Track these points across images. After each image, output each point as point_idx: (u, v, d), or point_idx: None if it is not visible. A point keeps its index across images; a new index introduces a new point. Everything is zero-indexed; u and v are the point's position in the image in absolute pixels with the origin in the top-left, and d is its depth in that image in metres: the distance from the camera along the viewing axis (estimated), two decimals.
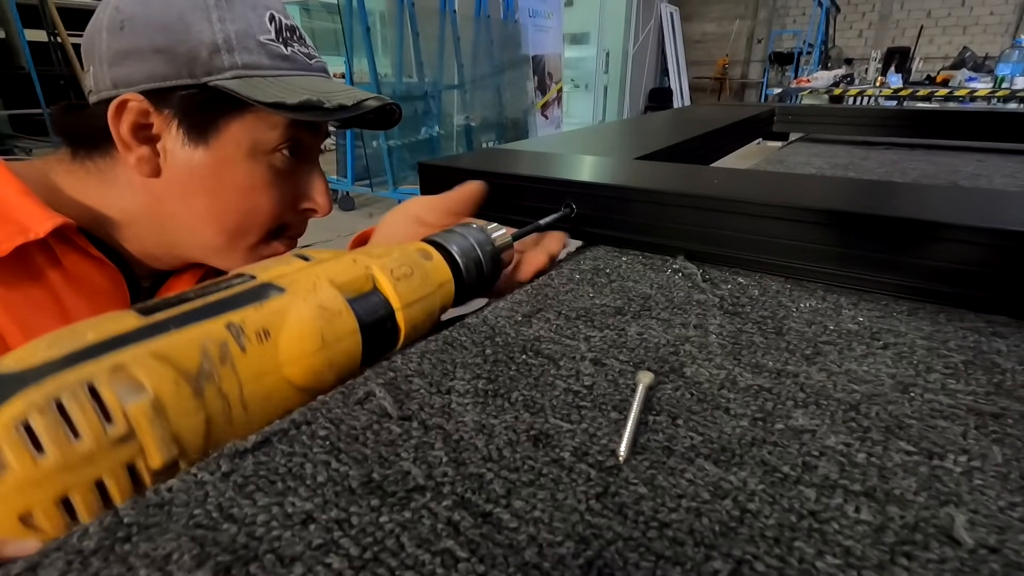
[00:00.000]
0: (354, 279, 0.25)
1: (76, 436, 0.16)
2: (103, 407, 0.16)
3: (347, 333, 0.23)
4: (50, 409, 0.15)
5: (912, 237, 0.34)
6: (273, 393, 0.20)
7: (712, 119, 0.91)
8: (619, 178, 0.46)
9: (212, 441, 0.19)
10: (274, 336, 0.21)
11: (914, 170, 0.80)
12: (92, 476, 0.16)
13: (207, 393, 0.18)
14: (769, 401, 0.25)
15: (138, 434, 0.17)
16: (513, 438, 0.22)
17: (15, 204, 0.40)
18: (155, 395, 0.17)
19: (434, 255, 0.30)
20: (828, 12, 7.19)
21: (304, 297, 0.22)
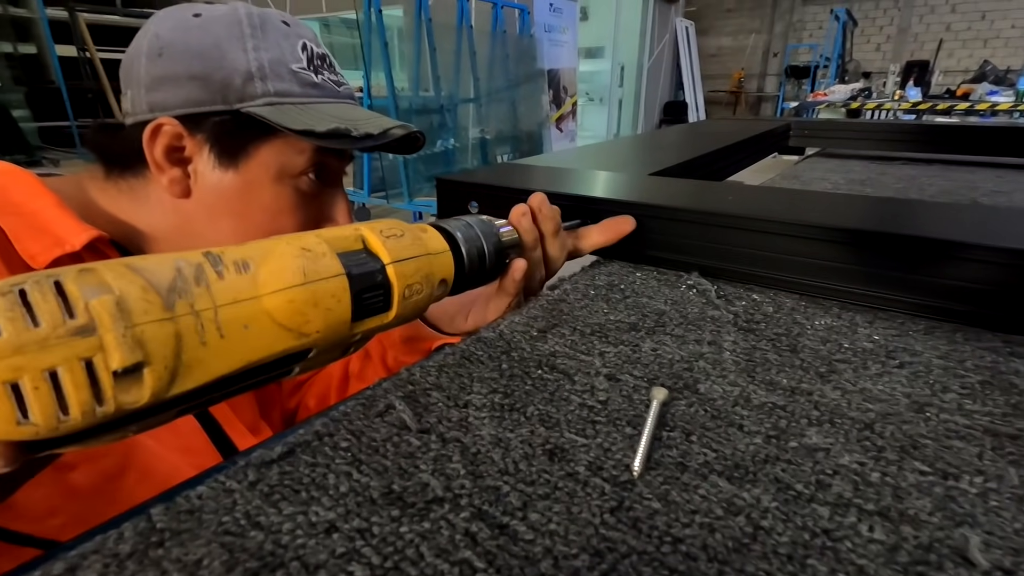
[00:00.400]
0: (341, 236, 0.25)
1: (35, 324, 0.15)
2: (67, 303, 0.16)
3: (331, 274, 0.22)
4: (11, 293, 0.15)
5: (929, 256, 0.34)
6: (252, 323, 0.20)
7: (727, 134, 0.92)
8: (633, 194, 0.46)
9: (183, 360, 0.18)
10: (254, 269, 0.20)
11: (932, 186, 0.79)
12: (45, 363, 0.15)
13: (178, 308, 0.18)
14: (783, 419, 0.25)
15: (98, 329, 0.16)
16: (529, 452, 0.22)
17: (51, 217, 0.41)
18: (120, 295, 0.17)
19: (429, 229, 0.30)
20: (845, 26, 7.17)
21: (287, 241, 0.23)
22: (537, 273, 0.41)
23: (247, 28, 0.44)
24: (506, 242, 0.35)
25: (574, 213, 0.45)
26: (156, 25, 0.44)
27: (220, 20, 0.44)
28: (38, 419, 0.15)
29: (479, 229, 0.34)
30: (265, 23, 0.45)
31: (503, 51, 4.43)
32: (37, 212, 0.41)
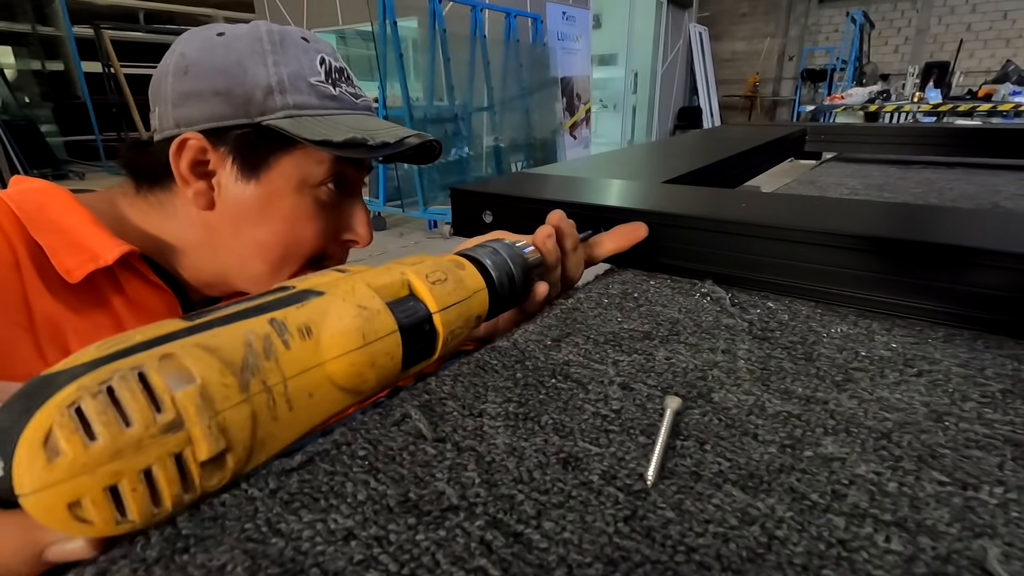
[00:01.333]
0: (390, 284, 0.25)
1: (126, 423, 0.15)
2: (152, 394, 0.16)
3: (386, 332, 0.23)
4: (101, 393, 0.15)
5: (949, 262, 0.33)
6: (316, 391, 0.20)
7: (741, 140, 0.91)
8: (647, 203, 0.46)
9: (258, 438, 0.18)
10: (316, 333, 0.21)
11: (952, 190, 0.78)
12: (141, 464, 0.15)
13: (252, 386, 0.18)
14: (798, 428, 0.25)
15: (186, 423, 0.16)
16: (543, 460, 0.23)
17: (86, 233, 0.43)
18: (202, 383, 0.17)
19: (466, 265, 0.31)
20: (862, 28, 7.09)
21: (343, 297, 0.23)
22: (554, 290, 0.42)
23: (268, 44, 0.45)
24: (532, 263, 0.36)
25: (588, 222, 0.45)
26: (182, 45, 0.46)
27: (242, 38, 0.45)
28: (135, 516, 0.16)
29: (506, 254, 0.34)
30: (285, 39, 0.46)
31: (516, 60, 4.46)
32: (72, 228, 0.43)
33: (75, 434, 0.15)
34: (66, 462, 0.14)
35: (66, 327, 0.42)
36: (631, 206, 0.45)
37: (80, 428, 0.15)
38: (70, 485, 0.15)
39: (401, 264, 0.27)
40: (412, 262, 0.28)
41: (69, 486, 0.15)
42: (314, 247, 0.50)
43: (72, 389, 0.15)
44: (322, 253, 0.51)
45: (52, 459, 0.14)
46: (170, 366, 0.17)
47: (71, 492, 0.15)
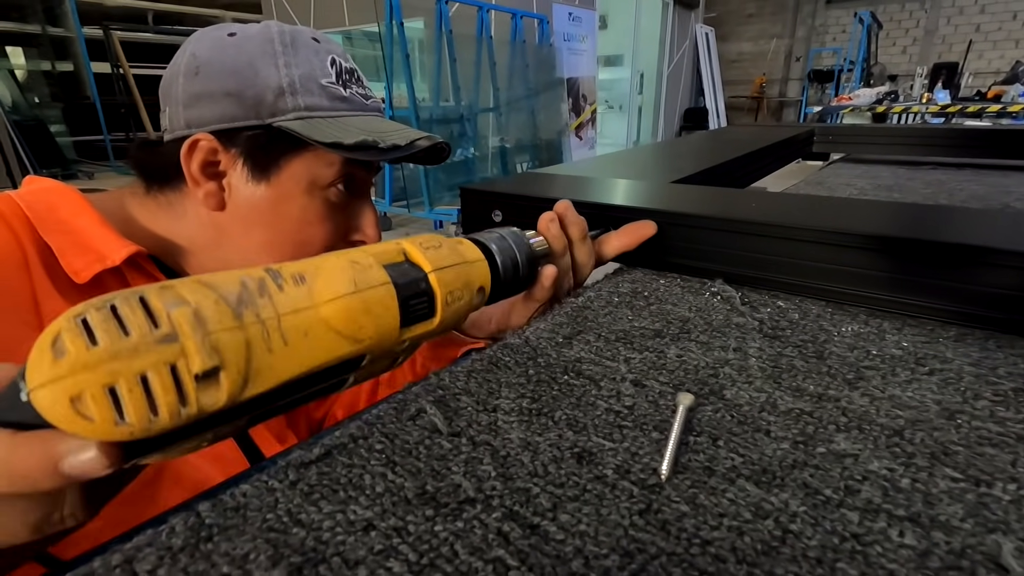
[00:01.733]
0: (385, 250, 0.26)
1: (125, 332, 0.17)
2: (150, 313, 0.18)
3: (379, 282, 0.24)
4: (105, 308, 0.17)
5: (960, 262, 0.33)
6: (311, 330, 0.21)
7: (748, 141, 0.91)
8: (655, 202, 0.46)
9: (253, 366, 0.19)
10: (309, 281, 0.22)
11: (962, 191, 0.78)
12: (137, 368, 0.17)
13: (246, 316, 0.19)
14: (810, 425, 0.25)
15: (180, 336, 0.18)
16: (557, 455, 0.23)
17: (95, 235, 0.43)
18: (197, 306, 0.19)
19: (464, 241, 0.31)
20: (869, 29, 7.06)
21: (337, 255, 0.24)
22: (566, 280, 0.42)
23: (279, 46, 0.46)
24: (537, 252, 0.36)
25: (597, 222, 0.45)
26: (193, 45, 0.46)
27: (253, 39, 0.46)
28: (133, 419, 0.17)
29: (511, 240, 0.35)
30: (296, 40, 0.47)
31: (522, 61, 4.46)
32: (81, 230, 0.43)
33: (79, 337, 0.16)
34: (69, 359, 0.16)
35: None
36: (640, 205, 0.45)
37: (84, 334, 0.17)
38: (72, 380, 0.16)
39: (400, 238, 0.28)
40: (409, 237, 0.28)
41: (71, 381, 0.16)
42: (323, 247, 0.50)
43: (80, 306, 0.17)
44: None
45: (58, 357, 0.16)
46: (169, 293, 0.18)
47: (73, 386, 0.16)
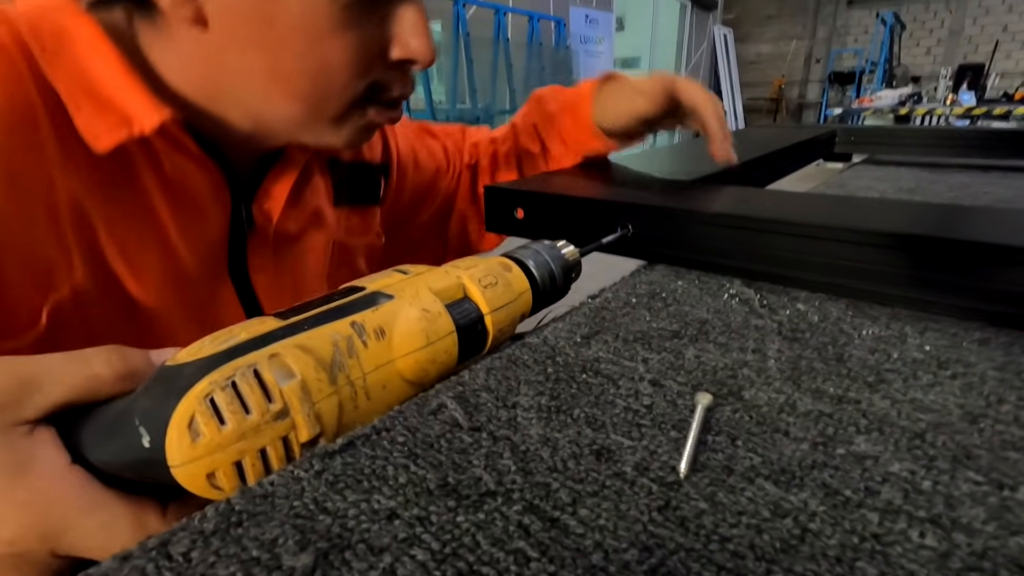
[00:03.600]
0: (448, 287, 0.28)
1: (247, 411, 0.19)
2: (264, 388, 0.20)
3: (446, 332, 0.26)
4: (228, 388, 0.19)
5: (986, 261, 0.33)
6: (388, 383, 0.24)
7: (769, 141, 0.91)
8: (674, 201, 0.46)
9: (343, 423, 0.22)
10: (388, 334, 0.24)
11: (987, 194, 0.76)
12: (259, 444, 0.19)
13: (339, 380, 0.22)
14: (830, 426, 0.25)
15: (291, 411, 0.20)
16: (576, 451, 0.23)
17: (117, 85, 0.33)
18: (302, 378, 0.21)
19: (513, 268, 0.33)
20: (892, 29, 6.95)
21: (410, 301, 0.26)
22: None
23: None
24: (570, 262, 0.37)
25: (617, 218, 0.46)
26: None
27: None
28: (251, 482, 0.20)
29: (547, 255, 0.36)
30: None
31: (539, 63, 4.47)
32: (99, 76, 0.33)
33: (211, 420, 0.18)
34: (205, 441, 0.18)
35: (92, 210, 0.34)
36: (659, 204, 0.45)
37: (214, 415, 0.19)
38: (209, 460, 0.19)
39: (456, 268, 0.30)
40: (466, 266, 0.30)
41: (208, 460, 0.18)
42: (350, 72, 0.38)
43: (205, 384, 0.19)
44: (372, 82, 0.40)
45: (195, 439, 0.18)
46: (276, 363, 0.20)
47: (209, 465, 0.19)
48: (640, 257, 0.47)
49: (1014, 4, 7.75)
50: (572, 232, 0.48)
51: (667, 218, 0.44)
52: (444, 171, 0.67)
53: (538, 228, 0.51)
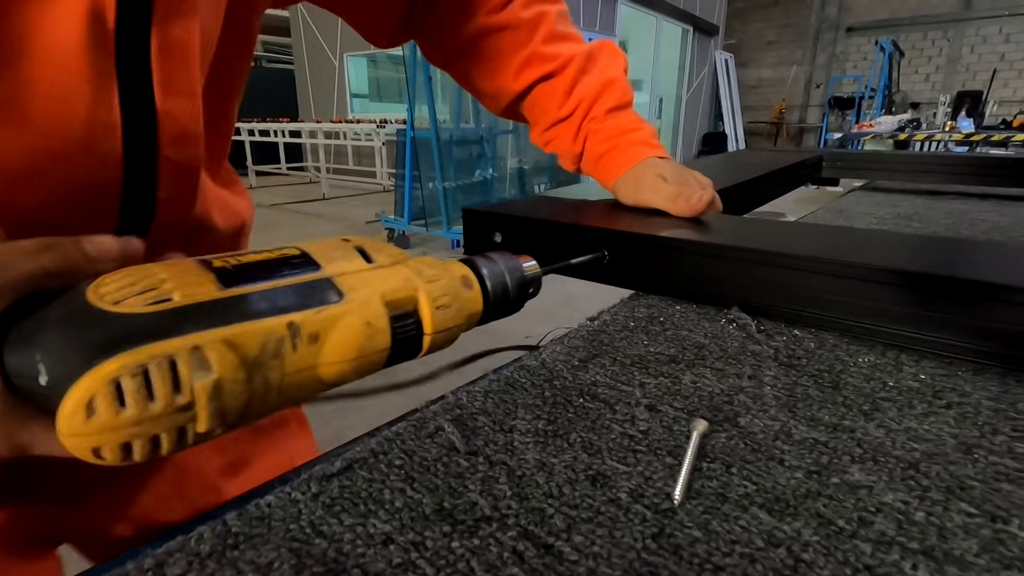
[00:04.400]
0: (401, 299, 0.27)
1: (151, 399, 0.19)
2: (176, 380, 0.19)
3: (381, 348, 0.25)
4: (139, 375, 0.19)
5: (981, 299, 0.33)
6: (304, 384, 0.23)
7: (759, 164, 0.92)
8: (654, 228, 0.47)
9: (245, 417, 0.21)
10: (321, 340, 0.23)
11: (984, 221, 0.77)
12: (153, 431, 0.19)
13: (255, 379, 0.21)
14: (825, 455, 0.25)
15: (196, 406, 0.20)
16: (572, 477, 0.23)
17: None
18: (218, 378, 0.20)
19: (474, 285, 0.31)
20: (891, 57, 7.05)
21: (356, 310, 0.25)
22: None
23: None
24: (528, 277, 0.36)
25: (596, 246, 0.46)
26: None
27: None
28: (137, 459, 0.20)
29: (505, 267, 0.34)
30: None
31: None
32: None
33: (112, 404, 0.18)
34: (99, 422, 0.18)
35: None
36: (645, 232, 0.46)
37: (116, 399, 0.19)
38: (98, 438, 0.19)
39: (419, 276, 0.28)
40: (429, 277, 0.29)
41: (97, 438, 0.19)
42: None
43: (116, 366, 0.19)
44: None
45: (90, 417, 0.18)
46: (197, 357, 0.20)
47: (97, 442, 0.19)
48: (620, 285, 0.47)
49: (1011, 34, 7.88)
50: (550, 257, 0.48)
51: (647, 245, 0.44)
52: None
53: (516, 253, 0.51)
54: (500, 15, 0.53)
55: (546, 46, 0.55)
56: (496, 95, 0.58)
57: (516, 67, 0.55)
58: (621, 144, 0.55)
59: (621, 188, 0.55)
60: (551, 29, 0.55)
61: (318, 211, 5.50)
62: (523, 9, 0.53)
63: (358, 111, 7.75)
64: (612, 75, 0.57)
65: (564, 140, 0.58)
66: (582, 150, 0.58)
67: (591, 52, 0.57)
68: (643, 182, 0.53)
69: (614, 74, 0.57)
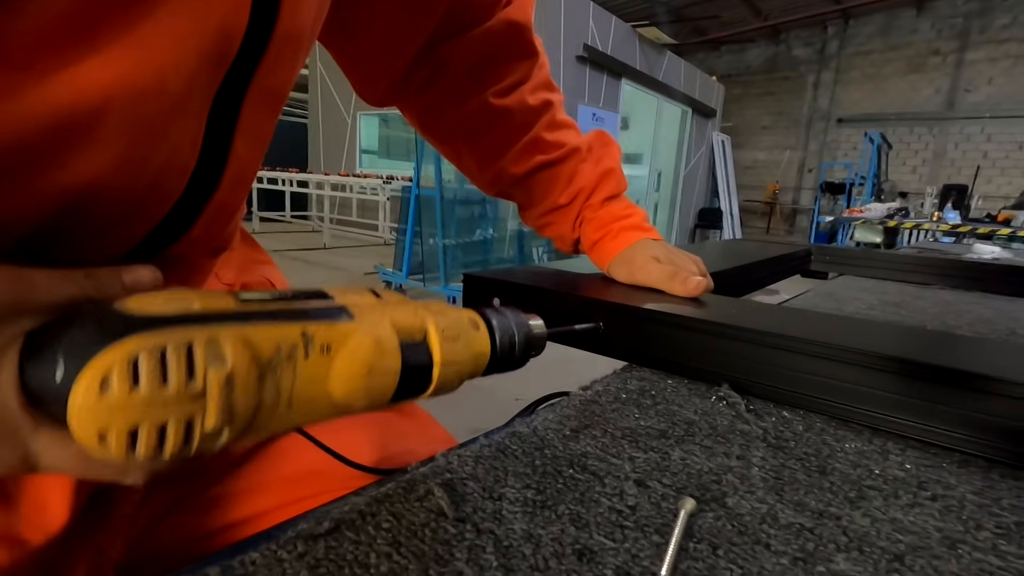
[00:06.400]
0: (410, 327, 0.28)
1: (165, 381, 0.19)
2: (191, 365, 0.19)
3: (391, 371, 0.26)
4: (156, 354, 0.19)
5: (966, 389, 0.34)
6: (314, 399, 0.23)
7: (751, 253, 0.95)
8: (650, 302, 0.48)
9: (255, 425, 0.21)
10: (333, 352, 0.24)
11: (969, 313, 0.79)
12: (161, 418, 0.19)
13: (267, 382, 0.21)
14: (811, 541, 0.25)
15: (207, 396, 0.20)
16: (559, 550, 0.23)
17: None
18: (232, 369, 0.20)
19: (481, 327, 0.32)
20: (879, 148, 7.39)
21: (367, 330, 0.25)
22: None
23: None
24: (535, 334, 0.37)
25: (591, 316, 0.47)
26: None
27: None
28: (141, 455, 0.19)
29: (515, 324, 0.35)
30: None
31: None
32: None
33: (126, 380, 0.18)
34: (111, 399, 0.18)
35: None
36: (640, 305, 0.47)
37: (131, 376, 0.19)
38: (108, 417, 0.18)
39: (427, 310, 0.29)
40: (437, 310, 0.29)
41: (107, 417, 0.18)
42: None
43: (135, 342, 0.19)
44: None
45: (103, 391, 0.18)
46: (212, 347, 0.20)
47: (106, 422, 0.18)
48: (614, 356, 0.48)
49: (992, 134, 8.31)
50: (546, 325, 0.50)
51: (641, 318, 0.46)
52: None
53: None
54: (507, 98, 0.55)
55: (549, 133, 0.57)
56: (494, 176, 0.59)
57: (518, 151, 0.57)
58: (613, 229, 0.58)
59: (616, 269, 0.57)
60: (553, 117, 0.58)
61: (317, 259, 5.55)
62: (531, 95, 0.56)
63: (366, 166, 7.99)
64: (609, 166, 0.60)
65: (563, 226, 0.61)
66: (579, 236, 0.61)
67: (590, 142, 0.61)
68: (636, 263, 0.55)
69: (611, 165, 0.60)
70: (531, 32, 0.55)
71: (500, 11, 0.52)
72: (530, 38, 0.55)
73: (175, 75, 0.24)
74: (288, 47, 0.29)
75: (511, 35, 0.53)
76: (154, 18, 0.22)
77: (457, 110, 0.55)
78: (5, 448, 0.19)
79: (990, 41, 8.22)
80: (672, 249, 0.57)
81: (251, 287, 0.49)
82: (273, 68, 0.29)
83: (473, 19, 0.51)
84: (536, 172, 0.58)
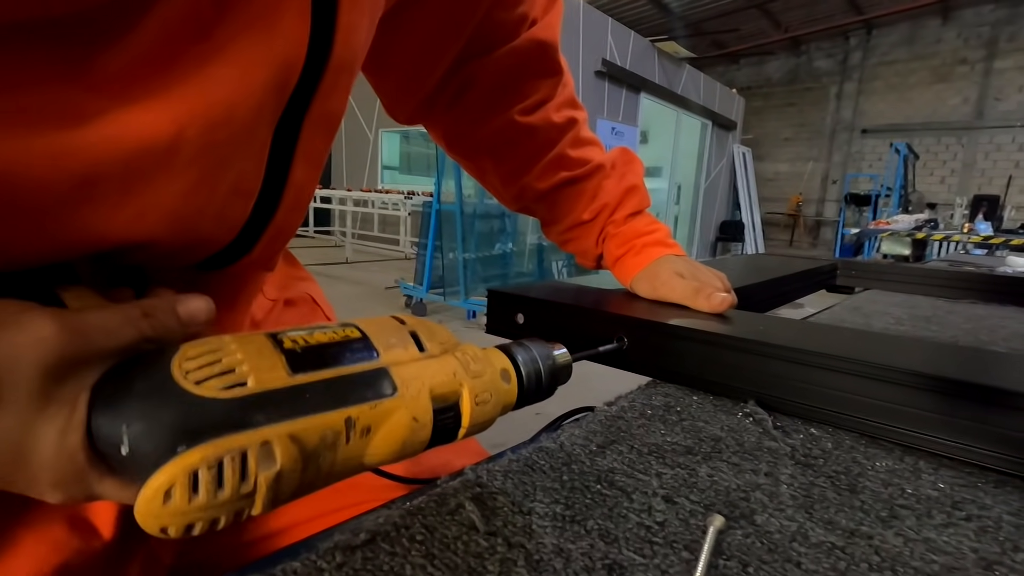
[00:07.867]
0: (447, 393, 0.28)
1: (220, 488, 0.21)
2: (244, 469, 0.21)
3: (421, 442, 0.27)
4: (213, 467, 0.20)
5: (1001, 407, 0.34)
6: (348, 471, 0.25)
7: (776, 268, 0.94)
8: (672, 317, 0.48)
9: (290, 498, 0.23)
10: (372, 433, 0.25)
11: (1004, 328, 0.77)
12: (216, 516, 0.21)
13: (309, 468, 0.23)
14: (842, 560, 0.25)
15: (257, 494, 0.21)
16: (589, 564, 0.24)
17: None
18: (281, 469, 0.22)
19: (512, 379, 0.33)
20: (906, 158, 7.25)
21: (408, 404, 0.26)
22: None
23: None
24: (559, 365, 0.37)
25: (615, 332, 0.47)
26: None
27: None
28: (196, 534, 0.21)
29: (542, 361, 0.35)
30: None
31: None
32: None
33: (186, 492, 0.20)
34: (172, 507, 0.20)
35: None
36: (664, 321, 0.47)
37: (191, 487, 0.20)
38: (169, 520, 0.20)
39: (465, 371, 0.29)
40: (475, 372, 0.30)
41: (168, 520, 0.20)
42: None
43: (197, 457, 0.20)
44: None
45: (166, 502, 0.20)
46: (265, 452, 0.22)
47: (167, 523, 0.20)
48: (638, 372, 0.48)
49: None
50: (570, 341, 0.50)
51: (665, 334, 0.46)
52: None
53: (537, 335, 0.53)
54: (533, 116, 0.56)
55: (573, 150, 0.58)
56: (518, 192, 0.60)
57: (543, 168, 0.57)
58: (637, 245, 0.58)
59: (639, 284, 0.58)
60: (578, 134, 0.59)
61: (339, 274, 5.63)
62: (555, 112, 0.57)
63: (388, 182, 8.12)
64: (633, 182, 0.60)
65: (586, 241, 0.61)
66: (602, 251, 0.61)
67: (613, 159, 0.61)
68: (660, 278, 0.55)
69: (634, 181, 0.61)
70: (557, 51, 0.56)
71: (527, 30, 0.53)
72: (556, 57, 0.56)
73: (243, 105, 0.25)
74: (342, 73, 0.30)
75: (538, 54, 0.54)
76: (223, 53, 0.23)
77: (483, 127, 0.56)
78: (73, 489, 0.21)
79: (1019, 49, 8.05)
80: (696, 265, 0.57)
81: (294, 302, 0.50)
82: (329, 94, 0.29)
83: (501, 38, 0.52)
84: (560, 188, 0.59)
